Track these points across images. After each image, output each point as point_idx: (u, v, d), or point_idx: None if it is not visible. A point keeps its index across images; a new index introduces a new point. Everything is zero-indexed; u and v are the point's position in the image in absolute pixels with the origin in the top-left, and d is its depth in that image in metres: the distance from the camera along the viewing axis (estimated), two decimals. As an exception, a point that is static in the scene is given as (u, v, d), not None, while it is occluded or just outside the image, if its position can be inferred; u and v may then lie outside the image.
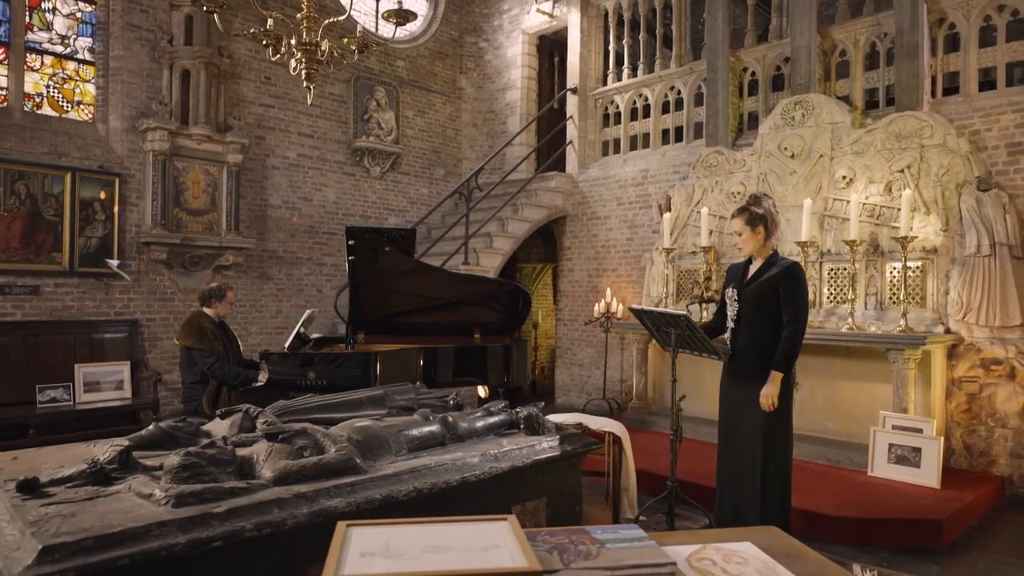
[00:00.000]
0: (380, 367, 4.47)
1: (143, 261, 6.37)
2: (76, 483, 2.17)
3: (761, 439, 3.20)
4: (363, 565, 1.33)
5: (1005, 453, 4.73)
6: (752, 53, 6.86)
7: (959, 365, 4.98)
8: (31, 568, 1.62)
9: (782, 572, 1.52)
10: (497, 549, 1.44)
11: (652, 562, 1.41)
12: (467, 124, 9.47)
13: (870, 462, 4.67)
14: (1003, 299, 4.83)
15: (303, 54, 3.36)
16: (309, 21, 3.27)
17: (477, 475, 2.58)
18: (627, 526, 1.68)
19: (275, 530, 2.01)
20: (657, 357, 6.59)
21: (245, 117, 7.09)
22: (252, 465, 2.30)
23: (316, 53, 3.37)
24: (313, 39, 3.32)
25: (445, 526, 1.59)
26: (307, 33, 3.28)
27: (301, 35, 3.28)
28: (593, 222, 8.13)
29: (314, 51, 3.36)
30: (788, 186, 6.02)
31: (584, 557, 1.43)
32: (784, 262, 3.32)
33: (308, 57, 3.37)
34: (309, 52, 3.36)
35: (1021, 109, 5.09)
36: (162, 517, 1.89)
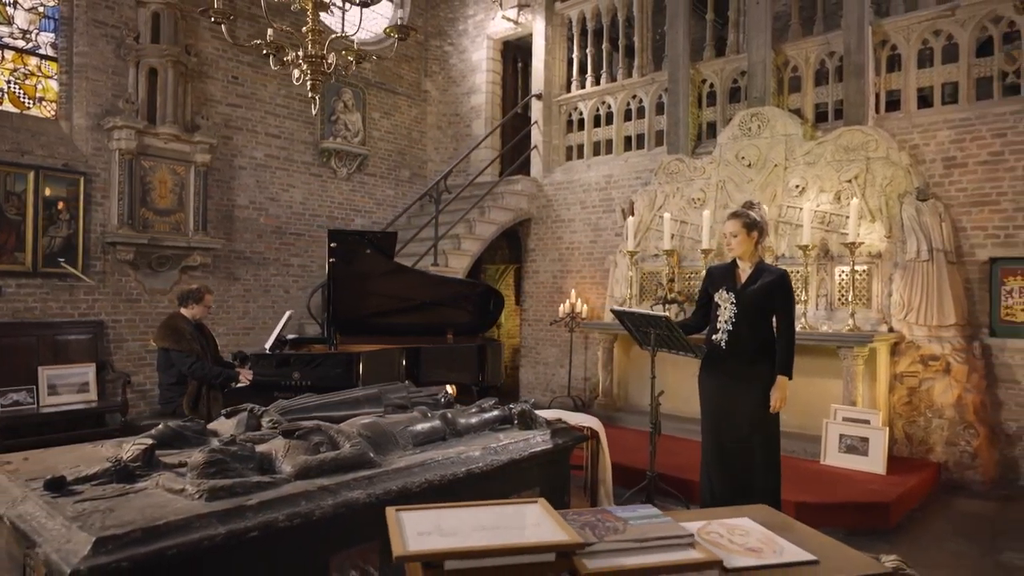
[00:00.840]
0: (363, 367, 4.57)
1: (108, 261, 6.27)
2: (101, 481, 2.25)
3: (760, 430, 3.44)
4: (426, 542, 1.50)
5: (941, 442, 5.16)
6: (710, 66, 7.21)
7: (901, 361, 5.40)
8: (88, 559, 1.72)
9: (779, 540, 1.76)
10: (537, 527, 1.63)
11: (673, 534, 1.62)
12: (432, 127, 9.58)
13: (822, 452, 5.03)
14: (939, 301, 5.27)
15: (308, 66, 3.45)
16: (314, 34, 3.37)
17: (480, 467, 2.75)
18: (642, 506, 1.88)
19: (304, 521, 2.14)
20: (622, 356, 6.86)
21: (212, 117, 7.04)
22: (272, 461, 2.41)
23: (322, 65, 3.47)
24: (319, 51, 3.42)
25: (483, 509, 1.76)
26: (312, 46, 3.38)
27: (307, 47, 3.37)
28: (558, 225, 8.36)
29: (319, 63, 3.46)
30: (745, 193, 6.36)
31: (613, 532, 1.62)
32: (776, 269, 3.55)
33: (313, 69, 3.46)
34: (314, 64, 3.45)
35: (955, 126, 5.56)
36: (199, 510, 2.00)
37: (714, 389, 3.68)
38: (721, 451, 3.63)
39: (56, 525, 1.91)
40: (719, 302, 3.63)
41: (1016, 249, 5.26)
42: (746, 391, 3.52)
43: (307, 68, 3.46)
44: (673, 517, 1.81)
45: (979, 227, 5.42)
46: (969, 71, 5.63)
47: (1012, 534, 4.06)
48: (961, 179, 5.51)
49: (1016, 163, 5.27)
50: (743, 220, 3.58)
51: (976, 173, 5.44)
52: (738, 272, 3.63)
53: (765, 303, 3.49)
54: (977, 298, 5.40)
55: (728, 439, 3.59)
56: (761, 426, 3.51)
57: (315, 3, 3.32)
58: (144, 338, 6.52)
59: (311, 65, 3.47)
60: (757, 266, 3.58)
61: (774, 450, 3.57)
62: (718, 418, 3.64)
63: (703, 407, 3.78)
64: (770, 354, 3.53)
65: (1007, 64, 5.50)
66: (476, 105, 9.40)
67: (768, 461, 3.56)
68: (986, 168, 5.40)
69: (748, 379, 3.53)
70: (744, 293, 3.53)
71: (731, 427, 3.58)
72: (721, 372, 3.62)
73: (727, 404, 3.59)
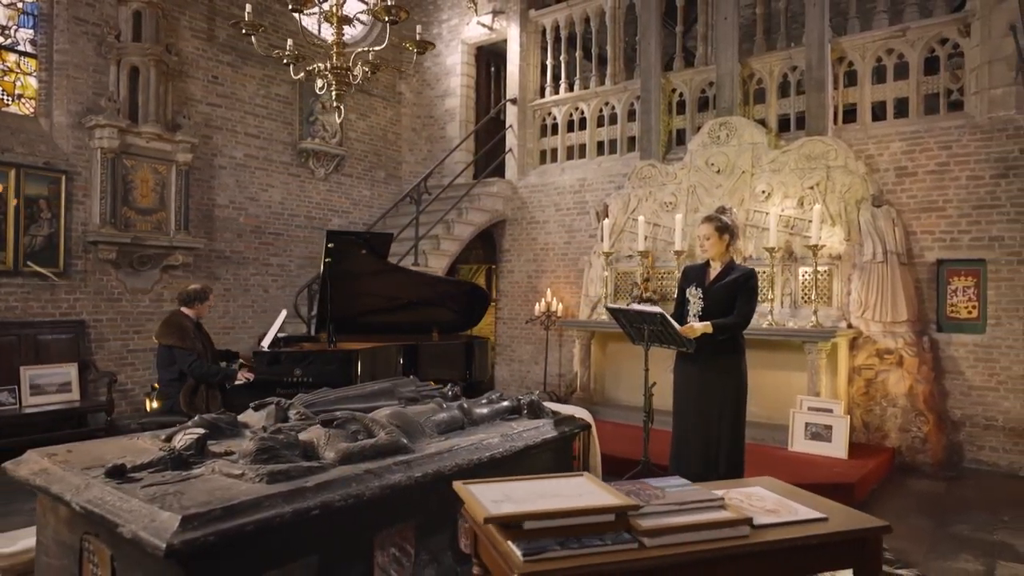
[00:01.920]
0: (361, 364, 4.73)
1: (90, 260, 6.23)
2: (157, 468, 2.39)
3: (727, 416, 3.76)
4: (502, 507, 1.72)
5: (895, 428, 5.62)
6: (680, 76, 7.58)
7: (859, 355, 5.85)
8: (178, 534, 1.88)
9: (790, 503, 2.04)
10: (592, 494, 1.87)
11: (706, 498, 1.89)
12: (407, 128, 9.72)
13: (790, 439, 5.42)
14: (893, 299, 5.73)
15: (334, 76, 3.59)
16: (338, 47, 3.51)
17: (500, 453, 2.98)
18: (673, 478, 2.14)
19: (356, 501, 2.33)
20: (599, 352, 7.16)
21: (193, 116, 7.04)
22: (315, 448, 2.59)
23: (347, 77, 3.62)
24: (344, 64, 3.57)
25: (535, 482, 2.00)
26: (337, 58, 3.52)
27: (332, 59, 3.52)
28: (532, 226, 8.62)
29: (345, 75, 3.61)
30: (715, 198, 6.74)
31: (656, 497, 1.88)
32: (743, 268, 3.89)
33: (339, 80, 3.61)
34: (340, 75, 3.60)
35: (906, 138, 6.04)
36: (265, 491, 2.17)
37: (685, 379, 4.00)
38: (691, 435, 3.94)
39: (134, 507, 2.06)
40: (689, 298, 3.97)
41: (960, 251, 5.76)
42: (714, 380, 3.84)
43: (333, 79, 3.61)
44: (693, 488, 2.06)
45: (927, 231, 5.90)
46: (918, 87, 6.12)
47: (961, 510, 4.50)
48: (912, 187, 5.99)
49: (960, 173, 5.76)
50: (715, 224, 3.91)
51: (925, 182, 5.93)
52: (709, 271, 3.97)
53: (729, 297, 3.81)
54: (926, 296, 5.89)
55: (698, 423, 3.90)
56: (728, 413, 3.84)
57: (339, 18, 3.47)
58: (125, 337, 6.50)
59: (337, 77, 3.62)
60: (727, 265, 3.91)
61: (739, 436, 3.90)
62: (689, 405, 3.95)
63: (675, 395, 4.08)
64: (736, 346, 3.86)
65: (951, 82, 6.01)
66: (450, 108, 9.58)
67: (733, 445, 3.89)
68: (934, 177, 5.89)
69: (716, 370, 3.85)
70: (711, 289, 3.87)
71: (700, 413, 3.88)
72: (692, 363, 3.93)
73: (697, 392, 3.90)
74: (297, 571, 2.22)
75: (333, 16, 3.58)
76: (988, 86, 5.65)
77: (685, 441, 3.97)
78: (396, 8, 3.50)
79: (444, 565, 2.80)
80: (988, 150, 5.63)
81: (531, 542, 1.63)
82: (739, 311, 3.81)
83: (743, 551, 1.73)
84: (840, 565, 1.85)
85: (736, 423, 3.88)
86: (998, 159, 5.59)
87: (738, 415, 3.89)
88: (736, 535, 1.76)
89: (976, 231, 5.68)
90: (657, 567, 1.65)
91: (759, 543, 1.75)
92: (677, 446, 4.08)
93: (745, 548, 1.74)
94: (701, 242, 3.96)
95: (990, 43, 5.64)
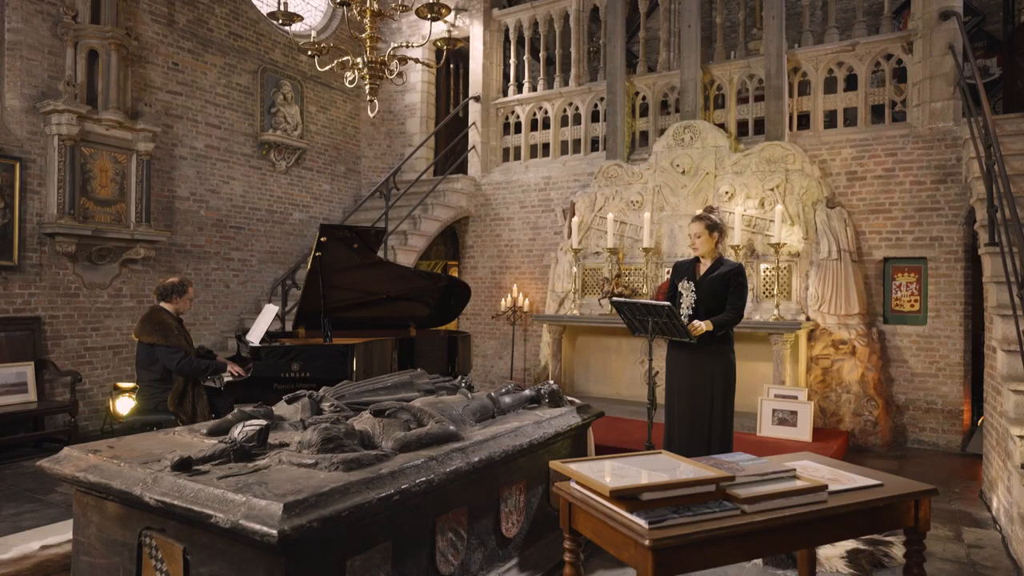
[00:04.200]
0: (356, 359, 4.72)
1: (45, 253, 5.89)
2: (221, 460, 2.38)
3: (720, 397, 4.01)
4: (619, 481, 1.85)
5: (849, 413, 6.09)
6: (644, 80, 7.88)
7: (816, 345, 6.29)
8: (285, 521, 1.90)
9: (842, 472, 2.26)
10: (684, 468, 2.02)
11: (781, 469, 2.07)
12: (366, 123, 9.61)
13: (758, 425, 5.78)
14: (846, 293, 6.20)
15: (368, 70, 3.57)
16: (372, 41, 3.49)
17: (538, 438, 3.10)
18: (737, 454, 2.32)
19: (427, 486, 2.40)
20: (568, 346, 7.36)
21: (153, 104, 6.76)
22: (371, 437, 2.63)
23: (382, 71, 3.61)
24: (378, 57, 3.55)
25: (619, 460, 2.13)
26: (370, 52, 3.50)
27: (365, 53, 3.50)
28: (496, 223, 8.73)
29: (380, 69, 3.59)
30: (680, 198, 7.07)
31: (737, 470, 2.05)
32: (732, 262, 4.15)
33: (372, 74, 3.59)
34: (374, 69, 3.58)
35: (856, 145, 6.53)
36: (345, 479, 2.21)
37: (678, 369, 4.20)
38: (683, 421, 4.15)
39: (223, 496, 2.05)
40: (682, 291, 4.19)
41: (904, 250, 6.29)
42: (705, 365, 4.07)
43: (367, 73, 3.59)
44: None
45: (875, 231, 6.41)
46: (866, 98, 6.64)
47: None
48: (861, 190, 6.49)
49: (904, 178, 6.29)
50: (705, 222, 4.16)
51: (873, 186, 6.43)
52: (699, 266, 4.21)
53: (721, 289, 4.06)
54: (873, 291, 6.39)
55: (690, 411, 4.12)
56: (718, 396, 4.09)
57: (373, 12, 3.46)
58: (83, 335, 6.18)
59: (371, 71, 3.60)
60: (716, 260, 4.16)
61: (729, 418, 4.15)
62: (682, 393, 4.16)
63: (669, 384, 4.27)
64: (725, 334, 4.12)
65: (896, 95, 6.54)
66: (411, 104, 9.55)
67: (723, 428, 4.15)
68: (880, 182, 6.40)
69: (708, 360, 4.09)
70: (703, 282, 4.11)
71: (691, 397, 4.11)
72: (686, 355, 4.15)
73: (688, 377, 4.11)
74: (376, 556, 2.26)
75: (368, 11, 3.57)
76: (929, 99, 6.19)
77: (678, 424, 4.18)
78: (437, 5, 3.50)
79: (489, 548, 2.89)
80: (929, 158, 6.18)
81: (650, 512, 1.76)
82: (732, 306, 4.05)
83: (823, 515, 1.93)
84: (897, 524, 2.08)
85: (726, 406, 4.13)
86: (938, 166, 6.14)
87: (727, 398, 4.14)
88: (817, 500, 1.95)
89: (918, 232, 6.23)
90: (756, 531, 1.82)
91: (835, 507, 1.95)
92: (670, 430, 4.29)
93: (825, 512, 1.93)
94: (692, 240, 4.19)
95: (931, 60, 6.19)
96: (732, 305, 4.05)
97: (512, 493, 3.02)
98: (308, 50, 3.63)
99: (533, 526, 3.16)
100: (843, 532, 2.03)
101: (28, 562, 3.34)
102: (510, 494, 3.00)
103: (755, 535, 1.83)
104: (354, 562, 2.17)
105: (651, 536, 1.68)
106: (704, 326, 3.90)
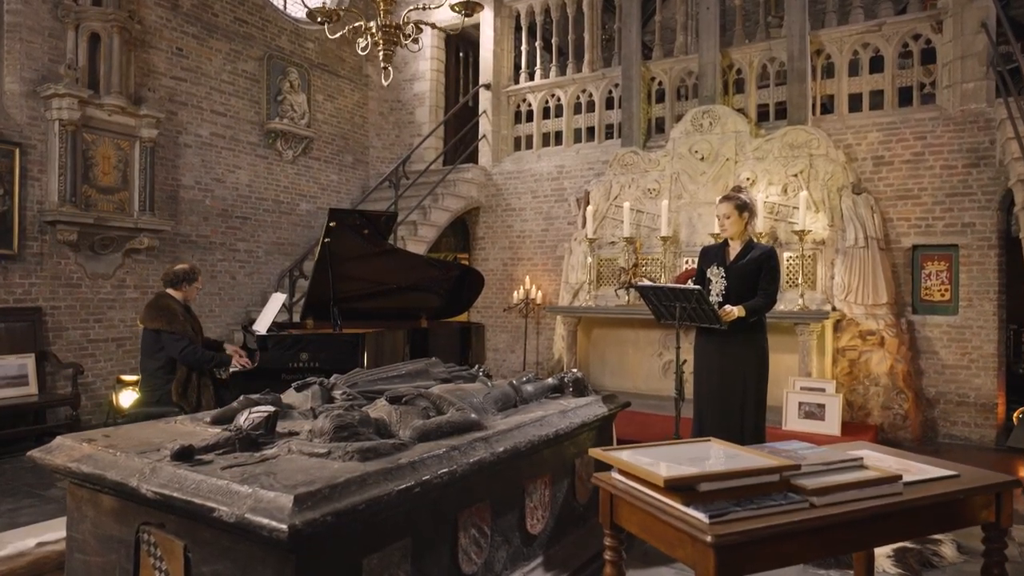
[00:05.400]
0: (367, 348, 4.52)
1: (47, 242, 5.71)
2: (226, 450, 2.19)
3: (752, 388, 3.79)
4: (673, 470, 1.64)
5: (878, 406, 5.86)
6: (660, 65, 7.65)
7: (843, 336, 6.05)
8: (295, 515, 1.71)
9: (911, 463, 2.04)
10: (737, 456, 1.81)
11: (847, 458, 1.86)
12: (374, 112, 9.41)
13: (783, 419, 5.54)
14: (874, 283, 5.96)
15: (382, 35, 3.37)
16: (386, 3, 3.30)
17: (564, 428, 2.90)
18: (792, 441, 2.11)
19: (449, 478, 2.20)
20: (584, 339, 7.15)
21: (157, 90, 6.58)
22: (387, 425, 2.43)
23: (397, 36, 3.41)
24: (392, 21, 3.35)
25: (665, 448, 1.92)
26: (384, 15, 3.30)
27: (379, 17, 3.30)
28: (508, 213, 8.52)
29: (395, 34, 3.39)
30: (699, 185, 6.85)
31: (800, 459, 1.84)
32: (764, 245, 3.94)
33: (386, 39, 3.39)
34: (388, 34, 3.38)
35: (883, 129, 6.29)
36: (361, 470, 2.00)
37: (709, 359, 3.98)
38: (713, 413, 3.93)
39: (227, 488, 1.86)
40: (710, 277, 3.96)
41: (933, 237, 6.05)
42: (736, 355, 3.85)
43: (381, 39, 3.39)
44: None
45: (903, 218, 6.17)
46: (893, 80, 6.39)
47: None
48: (888, 176, 6.25)
49: (934, 162, 6.05)
50: (735, 202, 3.92)
51: (901, 171, 6.19)
52: (728, 250, 3.98)
53: (753, 275, 3.83)
54: (902, 280, 6.16)
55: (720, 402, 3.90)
56: (751, 388, 3.86)
57: None
58: (85, 326, 6.01)
59: (386, 36, 3.40)
60: (747, 244, 3.94)
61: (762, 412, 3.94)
62: (712, 383, 3.94)
63: (698, 372, 4.05)
64: (757, 321, 3.89)
65: (924, 76, 6.30)
66: (419, 92, 9.34)
67: (757, 422, 3.93)
68: (909, 166, 6.16)
69: (739, 348, 3.87)
70: (733, 267, 3.88)
71: (723, 392, 3.89)
72: (715, 343, 3.93)
73: (719, 368, 3.89)
74: (394, 554, 2.06)
75: (384, -26, 3.37)
76: (960, 80, 5.95)
77: (709, 417, 3.97)
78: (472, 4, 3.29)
79: (514, 546, 2.69)
80: (960, 141, 5.93)
81: (709, 504, 1.56)
82: (764, 291, 3.83)
83: (898, 508, 1.72)
84: (975, 520, 1.86)
85: (759, 397, 3.91)
86: (970, 149, 5.89)
87: (760, 389, 3.92)
88: (891, 492, 1.74)
89: (949, 218, 5.98)
90: (827, 526, 1.62)
91: (911, 499, 1.74)
92: (699, 423, 4.08)
93: (900, 505, 1.72)
94: (721, 222, 3.96)
95: (962, 39, 5.94)
96: (764, 290, 3.83)
97: (537, 487, 2.82)
98: (318, 16, 3.43)
99: (559, 522, 2.96)
100: (919, 528, 1.82)
101: (23, 560, 3.16)
102: (535, 488, 2.80)
103: (825, 530, 1.62)
104: (371, 560, 1.97)
105: (713, 532, 1.47)
106: (736, 311, 3.69)
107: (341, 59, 8.91)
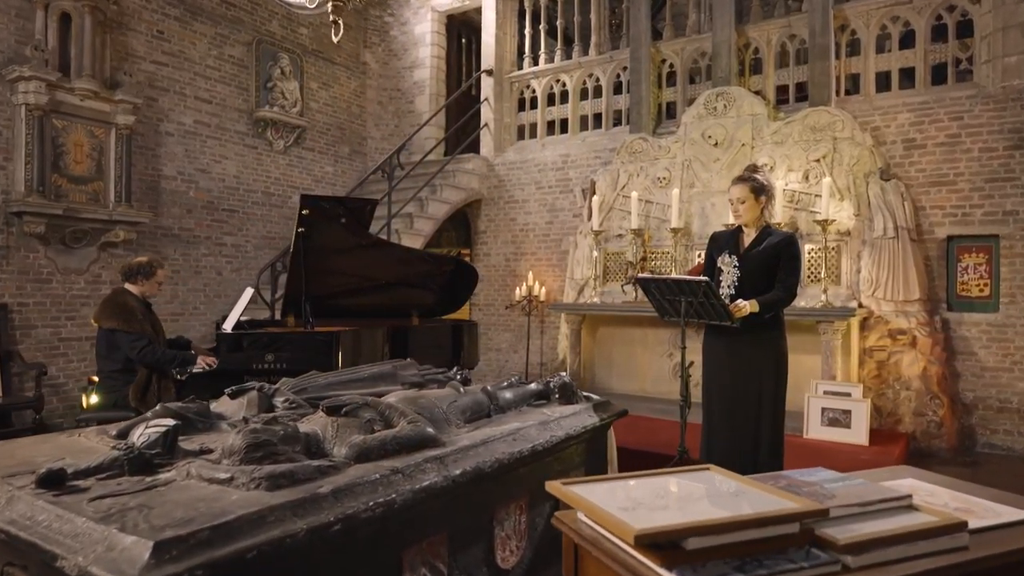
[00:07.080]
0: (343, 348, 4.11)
1: (13, 235, 5.38)
2: (111, 473, 1.79)
3: (769, 393, 3.33)
4: (644, 518, 1.19)
5: (909, 412, 5.33)
6: (671, 46, 7.16)
7: (870, 336, 5.54)
8: (150, 569, 1.28)
9: (974, 500, 1.58)
10: (742, 494, 1.36)
11: (889, 496, 1.40)
12: (372, 101, 9.02)
13: (805, 426, 5.05)
14: (905, 277, 5.44)
15: None
16: None
17: (542, 444, 2.45)
18: (814, 469, 1.66)
19: (385, 510, 1.77)
20: (588, 339, 6.69)
21: (135, 75, 6.23)
22: (319, 442, 2.01)
23: None
24: None
25: (651, 479, 1.47)
26: None
27: None
28: (511, 206, 8.08)
29: None
30: (712, 172, 6.36)
31: (827, 497, 1.38)
32: (783, 232, 3.47)
33: None
34: None
35: (914, 110, 5.75)
36: (267, 502, 1.59)
37: (721, 357, 3.53)
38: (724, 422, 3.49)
39: (81, 528, 1.45)
40: (721, 266, 3.52)
41: (971, 227, 5.51)
42: (751, 357, 3.40)
43: None
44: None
45: (937, 206, 5.64)
46: (925, 57, 5.85)
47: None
48: (920, 160, 5.71)
49: (972, 145, 5.51)
50: (751, 184, 3.45)
51: (934, 155, 5.66)
52: (742, 237, 3.53)
53: (770, 265, 3.38)
54: (936, 274, 5.62)
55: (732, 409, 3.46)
56: (768, 393, 3.41)
57: None
58: (56, 324, 5.67)
59: None
60: (763, 231, 3.48)
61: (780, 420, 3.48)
62: (723, 388, 3.50)
63: (708, 375, 3.62)
64: (775, 318, 3.44)
65: (960, 51, 5.75)
66: (419, 80, 8.93)
67: (774, 431, 3.47)
68: (944, 149, 5.62)
69: (753, 348, 3.41)
70: (747, 256, 3.44)
71: (735, 397, 3.45)
72: (725, 341, 3.48)
73: (732, 371, 3.46)
74: (310, 608, 1.64)
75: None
76: (1001, 54, 5.40)
77: (719, 425, 3.51)
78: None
79: (479, 585, 2.25)
80: (1002, 121, 5.39)
81: (699, 568, 1.10)
82: (783, 283, 3.38)
83: (967, 568, 1.25)
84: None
85: (776, 403, 3.45)
86: (1012, 130, 5.35)
87: (778, 394, 3.46)
88: (954, 545, 1.27)
89: (989, 205, 5.44)
90: (868, 597, 1.15)
91: (985, 556, 1.27)
92: (708, 433, 3.62)
93: (970, 565, 1.25)
94: (735, 207, 3.51)
95: (1003, 9, 5.40)
96: (783, 283, 3.37)
97: (511, 513, 2.38)
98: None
99: (537, 553, 2.51)
100: (994, 594, 1.34)
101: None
102: (507, 514, 2.36)
103: (866, 604, 1.16)
104: (270, 622, 1.55)
105: (704, 613, 1.02)
106: (749, 306, 3.23)
107: (337, 46, 8.51)
